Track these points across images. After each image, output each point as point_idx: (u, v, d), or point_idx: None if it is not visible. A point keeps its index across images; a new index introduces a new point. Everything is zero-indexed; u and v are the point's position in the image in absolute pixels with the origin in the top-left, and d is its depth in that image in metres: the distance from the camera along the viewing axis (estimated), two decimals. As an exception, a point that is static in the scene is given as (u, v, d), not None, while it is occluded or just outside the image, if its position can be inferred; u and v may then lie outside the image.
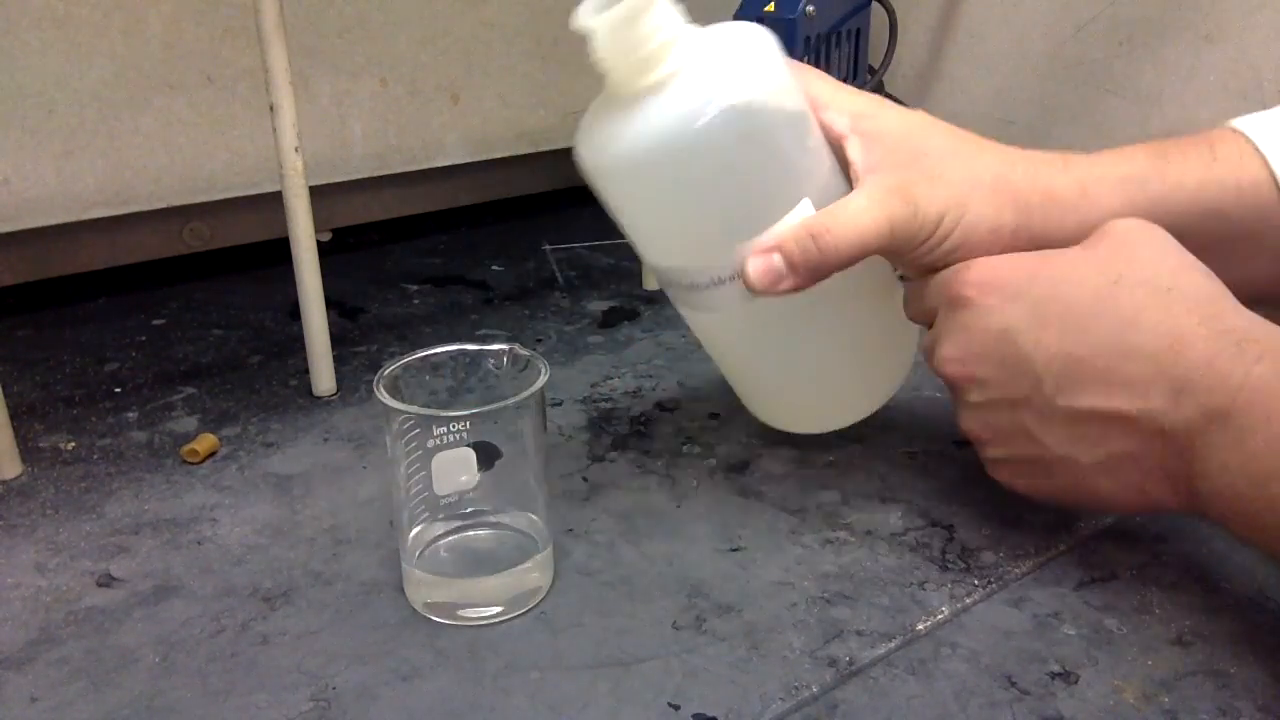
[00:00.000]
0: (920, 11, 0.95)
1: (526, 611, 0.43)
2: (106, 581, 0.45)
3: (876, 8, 0.86)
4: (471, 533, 0.45)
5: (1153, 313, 0.40)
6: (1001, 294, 0.43)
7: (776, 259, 0.43)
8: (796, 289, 0.44)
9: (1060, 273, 0.43)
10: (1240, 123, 0.47)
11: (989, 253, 0.44)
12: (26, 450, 0.55)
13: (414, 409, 0.40)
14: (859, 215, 0.43)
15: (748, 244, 0.44)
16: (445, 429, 0.40)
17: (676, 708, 0.37)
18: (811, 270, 0.43)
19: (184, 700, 0.38)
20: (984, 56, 0.91)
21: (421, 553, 0.44)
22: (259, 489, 0.52)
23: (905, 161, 0.45)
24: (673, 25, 0.42)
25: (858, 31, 0.86)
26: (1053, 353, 0.41)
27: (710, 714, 0.37)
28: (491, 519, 0.45)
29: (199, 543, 0.48)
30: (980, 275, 0.44)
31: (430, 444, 0.41)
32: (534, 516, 0.44)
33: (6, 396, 0.53)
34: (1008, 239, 0.45)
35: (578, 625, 0.42)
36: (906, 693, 0.38)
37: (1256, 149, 0.45)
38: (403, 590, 0.44)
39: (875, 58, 0.88)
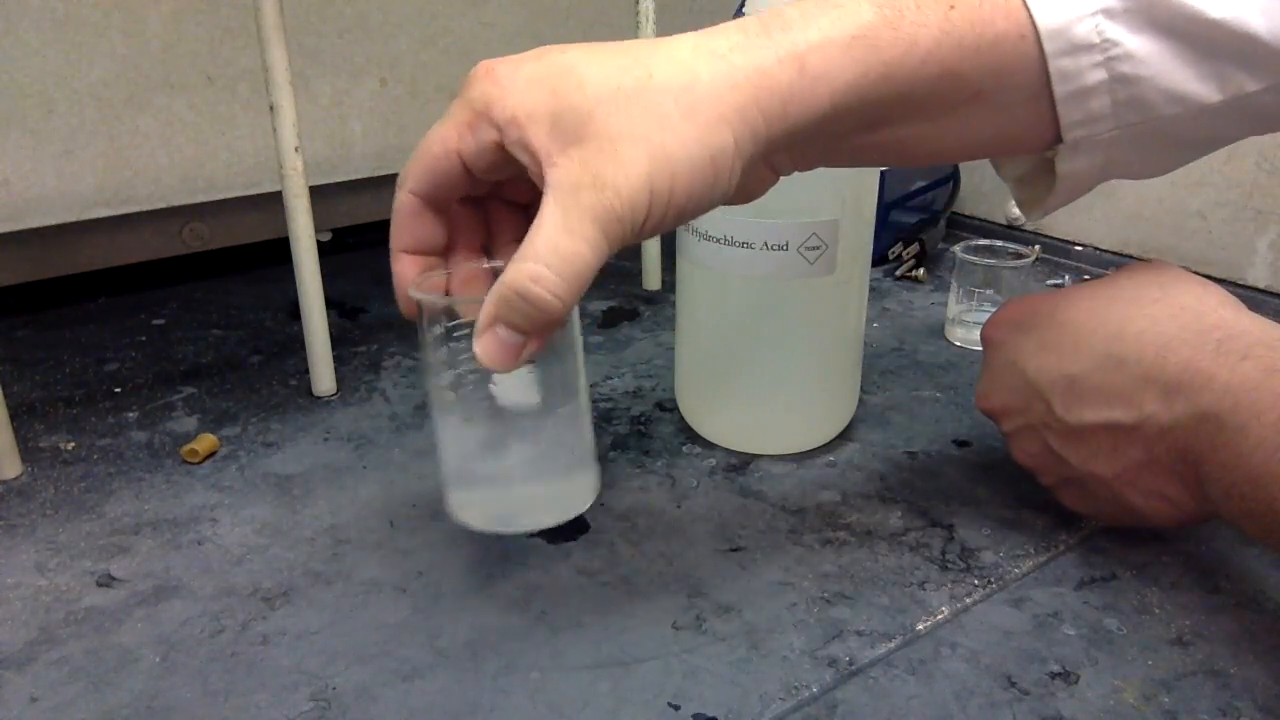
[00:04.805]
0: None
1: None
2: (106, 581, 0.45)
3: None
4: (517, 442, 0.43)
5: (1139, 322, 0.42)
6: (1013, 329, 0.46)
7: (501, 332, 0.35)
8: (540, 348, 0.36)
9: (1065, 301, 0.45)
10: None
11: (722, 192, 0.36)
12: (26, 450, 0.55)
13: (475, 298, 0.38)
14: (560, 242, 0.34)
15: None
16: None
17: (676, 708, 0.37)
18: (542, 324, 0.35)
19: (184, 700, 0.38)
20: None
21: (467, 466, 0.42)
22: (259, 489, 0.52)
23: (571, 133, 0.34)
24: None
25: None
26: (1053, 375, 0.43)
27: (710, 714, 0.37)
28: (537, 428, 0.43)
29: (199, 543, 0.48)
30: (1001, 316, 0.47)
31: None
32: (581, 423, 0.43)
33: (6, 396, 0.53)
34: (732, 162, 0.35)
35: (578, 625, 0.42)
36: (906, 693, 0.38)
37: None
38: (403, 589, 0.44)
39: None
